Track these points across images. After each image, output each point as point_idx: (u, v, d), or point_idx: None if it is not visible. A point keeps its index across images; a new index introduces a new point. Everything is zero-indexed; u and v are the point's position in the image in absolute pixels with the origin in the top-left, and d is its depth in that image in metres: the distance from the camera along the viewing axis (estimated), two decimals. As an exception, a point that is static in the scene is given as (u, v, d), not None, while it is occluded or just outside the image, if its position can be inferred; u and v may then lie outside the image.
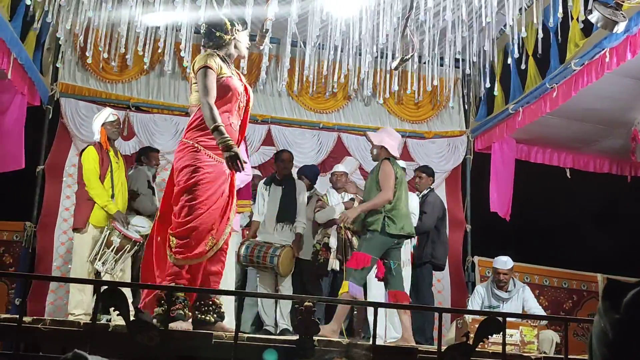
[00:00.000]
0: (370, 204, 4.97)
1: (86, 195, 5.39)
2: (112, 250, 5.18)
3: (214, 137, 3.68)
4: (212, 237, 3.80)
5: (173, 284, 3.68)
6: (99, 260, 5.18)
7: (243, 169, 3.77)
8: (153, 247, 3.94)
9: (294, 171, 6.74)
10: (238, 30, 4.02)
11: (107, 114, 5.62)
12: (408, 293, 6.09)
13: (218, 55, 3.93)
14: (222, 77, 3.84)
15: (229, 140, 3.65)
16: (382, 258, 5.03)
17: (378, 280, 5.22)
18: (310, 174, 6.84)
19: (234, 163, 3.64)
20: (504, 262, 6.02)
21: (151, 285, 3.85)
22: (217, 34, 3.97)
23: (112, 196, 5.43)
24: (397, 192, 5.00)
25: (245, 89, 4.03)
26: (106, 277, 5.18)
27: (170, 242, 3.75)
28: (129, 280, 5.44)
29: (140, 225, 5.63)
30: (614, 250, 7.32)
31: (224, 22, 4.01)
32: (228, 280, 4.91)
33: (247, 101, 4.04)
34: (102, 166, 5.44)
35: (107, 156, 5.51)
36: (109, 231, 5.23)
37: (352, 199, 6.51)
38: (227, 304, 4.57)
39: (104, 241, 5.21)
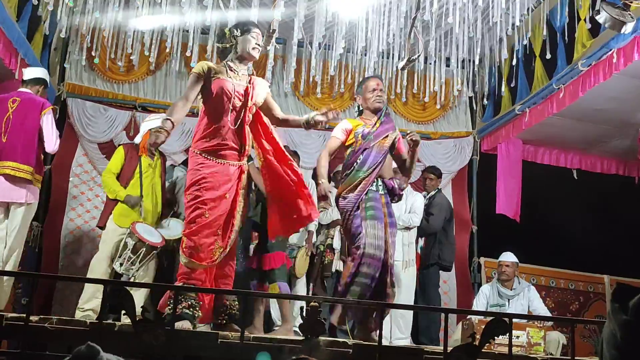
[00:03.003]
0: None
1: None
2: (128, 251, 5.14)
3: None
4: (219, 244, 3.84)
5: (182, 284, 3.71)
6: (117, 260, 5.17)
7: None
8: None
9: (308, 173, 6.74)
10: (237, 35, 4.05)
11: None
12: (414, 294, 6.10)
13: (223, 63, 4.06)
14: (213, 77, 3.94)
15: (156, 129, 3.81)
16: None
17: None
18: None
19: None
20: (507, 254, 6.16)
21: (156, 285, 3.86)
22: (221, 47, 4.12)
23: (140, 197, 5.44)
24: None
25: (246, 90, 4.02)
26: (124, 279, 5.17)
27: (183, 243, 3.83)
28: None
29: (173, 231, 5.51)
30: (620, 251, 7.29)
31: (222, 32, 4.14)
32: None
33: (246, 102, 4.00)
34: (128, 166, 5.44)
35: (137, 157, 5.49)
36: (127, 232, 5.21)
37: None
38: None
39: (123, 242, 5.20)
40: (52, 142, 5.02)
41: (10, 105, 4.89)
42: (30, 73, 5.17)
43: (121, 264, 5.10)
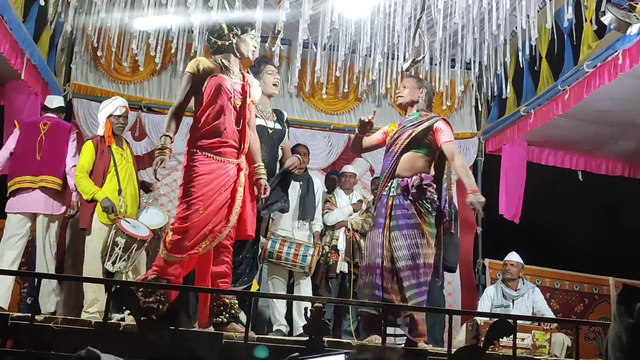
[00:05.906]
0: None
1: None
2: (120, 250, 5.12)
3: None
4: (207, 239, 3.82)
5: (154, 276, 3.74)
6: (108, 260, 5.12)
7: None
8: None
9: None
10: (237, 34, 4.01)
11: (115, 107, 5.39)
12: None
13: (216, 59, 4.00)
14: (208, 76, 3.91)
15: (160, 150, 3.84)
16: None
17: None
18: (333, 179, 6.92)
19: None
20: (512, 254, 6.24)
21: (164, 286, 3.85)
22: (212, 40, 4.02)
23: (120, 192, 5.34)
24: None
25: (243, 88, 4.01)
26: (117, 277, 5.16)
27: (167, 236, 3.81)
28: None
29: (155, 219, 5.49)
30: (625, 253, 7.27)
31: (220, 27, 4.02)
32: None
33: (244, 100, 4.00)
34: (101, 160, 5.36)
35: (109, 150, 5.42)
36: (114, 230, 5.16)
37: (360, 201, 6.49)
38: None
39: (112, 240, 5.16)
40: (69, 161, 5.51)
41: (42, 127, 5.45)
42: (54, 102, 5.70)
43: (113, 263, 5.07)
